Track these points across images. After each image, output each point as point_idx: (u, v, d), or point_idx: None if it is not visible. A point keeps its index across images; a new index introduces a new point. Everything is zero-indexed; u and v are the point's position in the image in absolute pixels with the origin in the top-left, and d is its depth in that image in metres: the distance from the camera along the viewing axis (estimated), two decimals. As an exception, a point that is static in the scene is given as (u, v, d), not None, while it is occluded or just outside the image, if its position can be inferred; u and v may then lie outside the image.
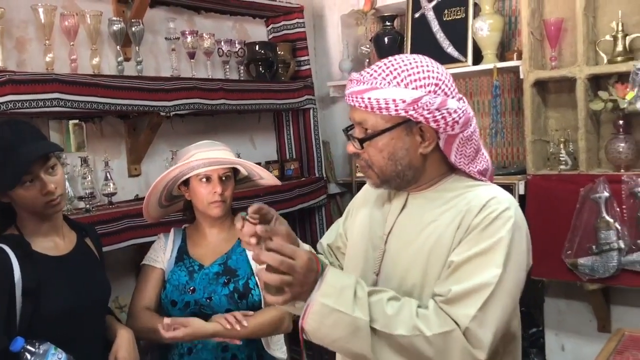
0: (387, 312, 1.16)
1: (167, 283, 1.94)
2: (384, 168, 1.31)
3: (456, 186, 1.34)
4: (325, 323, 1.15)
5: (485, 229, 1.23)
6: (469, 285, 1.18)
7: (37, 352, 1.49)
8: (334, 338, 1.16)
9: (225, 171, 1.92)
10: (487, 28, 2.89)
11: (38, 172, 1.58)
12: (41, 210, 1.60)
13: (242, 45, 3.05)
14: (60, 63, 2.33)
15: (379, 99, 1.24)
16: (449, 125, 1.26)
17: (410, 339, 1.14)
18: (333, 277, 1.18)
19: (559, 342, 2.96)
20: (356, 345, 1.15)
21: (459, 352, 1.14)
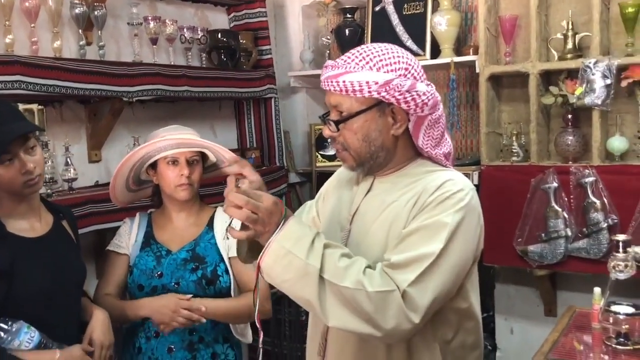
0: (338, 265, 1.24)
1: (133, 268, 1.94)
2: (359, 150, 1.38)
3: (419, 170, 1.43)
4: (280, 263, 1.23)
5: (436, 206, 1.32)
6: (410, 255, 1.26)
7: (9, 330, 1.49)
8: (285, 279, 1.24)
9: (193, 155, 1.93)
10: (445, 23, 2.98)
11: (17, 151, 1.57)
12: (19, 189, 1.60)
13: (205, 33, 3.04)
14: (20, 45, 2.28)
15: (352, 82, 1.33)
16: (418, 107, 1.34)
17: (354, 292, 1.21)
18: (295, 224, 1.25)
19: (508, 326, 3.09)
20: (304, 289, 1.23)
21: (395, 311, 1.22)
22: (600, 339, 1.92)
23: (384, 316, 1.21)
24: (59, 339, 1.62)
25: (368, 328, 1.22)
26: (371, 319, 1.21)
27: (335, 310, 1.22)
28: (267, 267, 1.25)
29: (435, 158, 1.44)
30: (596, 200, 2.54)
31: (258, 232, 1.23)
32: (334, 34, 3.40)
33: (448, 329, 1.38)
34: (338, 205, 1.53)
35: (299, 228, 1.26)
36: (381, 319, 1.21)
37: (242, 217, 1.21)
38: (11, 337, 1.50)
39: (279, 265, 1.23)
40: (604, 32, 2.59)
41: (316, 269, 1.22)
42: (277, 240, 1.23)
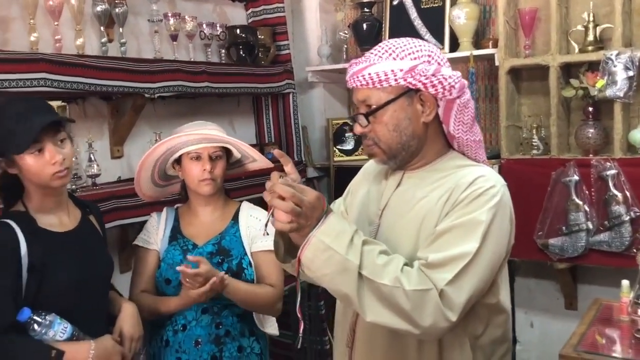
0: (376, 262, 1.25)
1: (161, 262, 1.97)
2: (390, 141, 1.39)
3: (449, 165, 1.43)
4: (319, 257, 1.24)
5: (469, 204, 1.32)
6: (447, 254, 1.27)
7: (43, 323, 1.52)
8: (324, 273, 1.25)
9: (216, 150, 1.95)
10: (464, 16, 2.98)
11: (48, 142, 1.60)
12: (47, 181, 1.62)
13: (224, 29, 3.06)
14: (44, 43, 2.31)
15: (378, 72, 1.35)
16: (446, 90, 1.35)
17: (391, 289, 1.22)
18: (335, 220, 1.26)
19: (528, 320, 3.09)
20: (342, 284, 1.24)
21: (433, 309, 1.23)
22: (630, 331, 1.91)
23: (421, 314, 1.22)
24: (88, 331, 1.65)
25: (405, 325, 1.23)
26: (408, 317, 1.22)
27: (373, 307, 1.24)
28: (307, 261, 1.25)
29: (467, 145, 1.44)
30: (618, 193, 2.52)
31: (300, 226, 1.24)
32: (352, 28, 3.41)
33: (478, 324, 1.39)
34: (366, 200, 1.53)
35: (339, 224, 1.27)
36: (418, 317, 1.22)
37: (286, 209, 1.21)
38: (45, 329, 1.54)
39: (319, 259, 1.24)
40: (626, 23, 2.57)
41: (355, 265, 1.23)
42: (317, 235, 1.23)
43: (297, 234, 1.27)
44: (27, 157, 1.58)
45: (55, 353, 1.52)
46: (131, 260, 2.50)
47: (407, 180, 1.46)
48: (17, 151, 1.57)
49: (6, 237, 1.56)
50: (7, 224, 1.58)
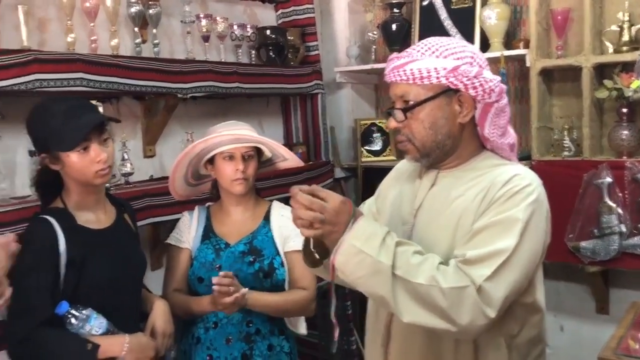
0: (410, 262, 1.25)
1: (193, 260, 1.99)
2: (424, 139, 1.39)
3: (484, 164, 1.43)
4: (352, 261, 1.25)
5: (506, 201, 1.31)
6: (485, 250, 1.26)
7: (80, 317, 1.56)
8: (358, 276, 1.26)
9: (248, 150, 1.97)
10: (495, 17, 2.96)
11: (93, 141, 1.64)
12: (90, 179, 1.65)
13: (254, 30, 3.09)
14: (80, 44, 2.35)
15: (420, 69, 1.35)
16: (486, 93, 1.35)
17: (428, 288, 1.22)
18: (365, 223, 1.28)
19: (557, 323, 3.06)
20: (377, 286, 1.25)
21: (471, 306, 1.22)
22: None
23: (459, 312, 1.22)
24: (121, 327, 1.68)
25: (443, 324, 1.23)
26: (446, 315, 1.22)
27: (409, 307, 1.24)
28: (340, 265, 1.27)
29: (500, 148, 1.43)
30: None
31: (326, 232, 1.26)
32: (381, 29, 3.41)
33: (514, 323, 1.38)
34: (399, 200, 1.53)
35: (370, 226, 1.27)
36: (456, 315, 1.22)
37: (309, 217, 1.23)
38: (82, 323, 1.57)
39: (351, 263, 1.25)
40: (663, 23, 2.53)
41: (388, 267, 1.23)
42: (347, 239, 1.25)
43: (327, 240, 1.28)
44: (73, 155, 1.62)
45: (91, 346, 1.55)
46: (162, 257, 2.54)
47: (441, 180, 1.46)
48: (66, 148, 1.61)
49: (45, 233, 1.60)
50: (46, 220, 1.62)
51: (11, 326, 1.30)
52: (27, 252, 1.58)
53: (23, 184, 2.20)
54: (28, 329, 1.53)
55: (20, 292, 1.34)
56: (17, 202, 2.06)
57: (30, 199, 2.08)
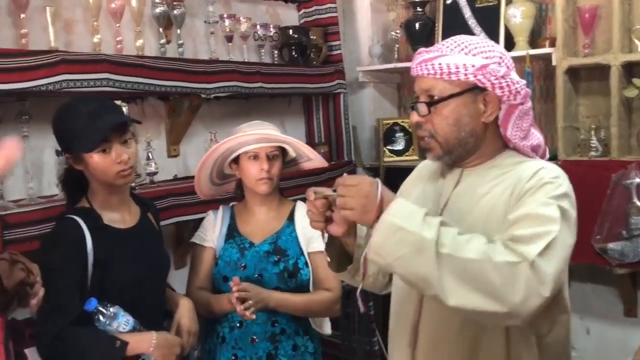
0: (458, 239, 1.19)
1: (218, 259, 2.00)
2: (447, 135, 1.38)
3: (508, 162, 1.42)
4: (391, 240, 1.18)
5: (537, 191, 1.29)
6: (533, 231, 1.21)
7: (108, 314, 1.58)
8: (398, 255, 1.18)
9: (273, 150, 1.97)
10: (520, 15, 2.92)
11: (114, 141, 1.65)
12: (112, 179, 1.67)
13: (277, 30, 3.09)
14: (105, 44, 2.37)
15: (449, 64, 1.34)
16: (512, 94, 1.34)
17: (479, 264, 1.15)
18: (403, 201, 1.24)
19: (583, 326, 3.01)
20: (420, 265, 1.17)
21: (525, 283, 1.15)
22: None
23: (513, 289, 1.14)
24: (145, 325, 1.69)
25: (493, 304, 1.15)
26: (498, 293, 1.15)
27: (456, 288, 1.15)
28: (377, 246, 1.20)
29: (522, 150, 1.42)
30: (683, 197, 2.43)
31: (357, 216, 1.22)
32: (404, 28, 3.38)
33: (545, 322, 1.35)
34: (422, 200, 1.51)
35: (408, 205, 1.23)
36: (510, 292, 1.14)
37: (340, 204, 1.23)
38: (110, 320, 1.59)
39: (390, 242, 1.18)
40: (694, 20, 2.47)
41: (433, 243, 1.16)
42: (386, 217, 1.19)
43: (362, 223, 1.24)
44: (95, 155, 1.63)
45: (119, 343, 1.57)
46: (186, 257, 2.56)
47: (465, 178, 1.45)
48: (87, 149, 1.62)
49: (73, 233, 1.62)
50: (73, 220, 1.64)
51: (43, 325, 1.32)
52: (56, 251, 1.60)
53: (50, 183, 2.23)
54: (59, 328, 1.55)
55: (51, 291, 1.36)
56: (44, 201, 2.09)
57: (56, 198, 2.11)
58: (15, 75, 1.90)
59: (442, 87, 1.36)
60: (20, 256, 1.23)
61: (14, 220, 1.86)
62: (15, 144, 1.11)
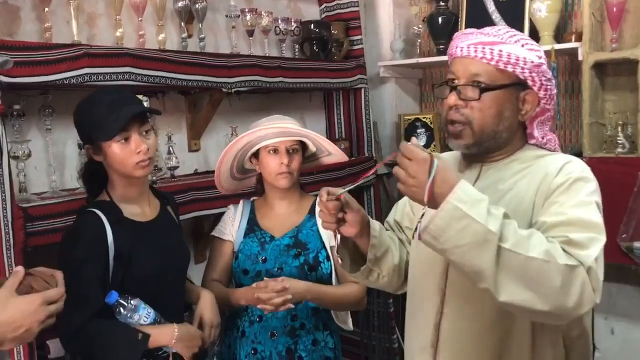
0: (520, 233, 1.15)
1: (238, 253, 2.00)
2: (485, 125, 1.34)
3: (527, 156, 1.40)
4: (454, 226, 1.13)
5: (569, 188, 1.27)
6: (588, 236, 1.19)
7: (129, 306, 1.58)
8: (459, 244, 1.13)
9: (293, 144, 1.96)
10: (545, 9, 2.87)
11: (134, 132, 1.65)
12: (130, 170, 1.66)
13: (298, 24, 3.07)
14: (127, 38, 2.38)
15: (510, 53, 1.30)
16: (550, 98, 1.35)
17: (542, 263, 1.12)
18: (468, 186, 1.17)
19: (608, 326, 2.95)
20: (479, 257, 1.12)
21: (580, 287, 1.14)
22: None
23: (569, 292, 1.13)
24: (166, 317, 1.69)
25: (546, 304, 1.13)
26: (555, 295, 1.13)
27: (510, 284, 1.13)
28: (436, 230, 1.14)
29: (543, 144, 1.43)
30: None
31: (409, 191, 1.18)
32: (426, 22, 3.34)
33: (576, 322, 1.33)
34: None
35: (474, 191, 1.17)
36: (566, 295, 1.13)
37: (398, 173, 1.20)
38: (131, 312, 1.59)
39: (453, 229, 1.13)
40: None
41: (496, 237, 1.12)
42: (451, 201, 1.13)
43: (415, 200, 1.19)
44: (114, 145, 1.63)
45: (141, 336, 1.57)
46: (206, 251, 2.56)
47: (485, 173, 1.42)
48: (106, 138, 1.62)
49: (94, 226, 1.62)
50: (94, 214, 1.64)
51: (65, 318, 1.32)
52: (78, 245, 1.61)
53: (72, 177, 2.24)
54: (82, 320, 1.55)
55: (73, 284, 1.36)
56: (67, 194, 2.10)
57: (78, 191, 2.12)
58: (38, 68, 1.91)
59: (494, 75, 1.32)
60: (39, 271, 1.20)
61: (36, 212, 1.87)
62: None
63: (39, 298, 1.11)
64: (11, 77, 1.83)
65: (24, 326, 1.09)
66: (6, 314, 1.08)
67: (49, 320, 1.14)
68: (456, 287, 1.38)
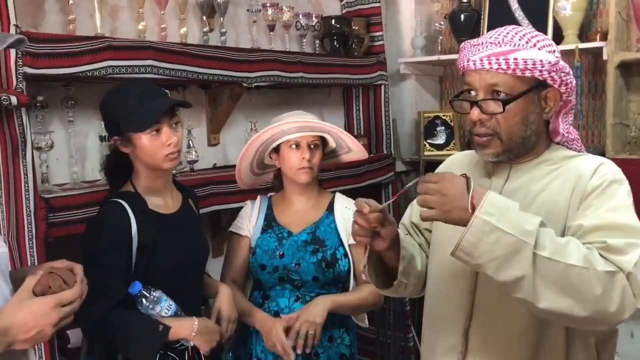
0: (557, 241, 1.15)
1: (256, 248, 2.00)
2: (513, 134, 1.32)
3: (557, 157, 1.38)
4: (486, 241, 1.13)
5: (605, 190, 1.26)
6: (626, 241, 1.19)
7: (151, 298, 1.59)
8: (492, 257, 1.13)
9: (314, 139, 1.95)
10: (570, 8, 2.84)
11: (164, 124, 1.66)
12: (159, 162, 1.67)
13: (319, 20, 3.06)
14: (150, 31, 2.38)
15: (525, 60, 1.27)
16: (570, 91, 1.33)
17: (581, 271, 1.11)
18: (495, 197, 1.17)
19: (627, 329, 2.91)
20: (515, 266, 1.12)
21: (621, 293, 1.13)
22: None
23: (610, 298, 1.12)
24: (186, 311, 1.70)
25: (587, 311, 1.13)
26: (595, 302, 1.13)
27: (550, 292, 1.12)
28: (469, 247, 1.14)
29: (571, 141, 1.41)
30: None
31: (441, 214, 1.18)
32: (448, 19, 3.32)
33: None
34: None
35: (501, 200, 1.17)
36: (607, 302, 1.12)
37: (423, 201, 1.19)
38: (152, 304, 1.60)
39: (485, 243, 1.13)
40: None
41: (530, 245, 1.12)
42: (479, 215, 1.13)
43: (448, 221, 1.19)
44: (144, 137, 1.64)
45: (162, 328, 1.59)
46: (223, 245, 2.57)
47: (515, 175, 1.39)
48: (139, 129, 1.63)
49: (119, 216, 1.63)
50: (119, 204, 1.65)
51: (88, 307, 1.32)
52: (102, 234, 1.62)
53: (93, 168, 2.26)
54: (104, 310, 1.57)
55: (97, 274, 1.37)
56: (88, 185, 2.12)
57: (99, 183, 2.13)
58: (62, 60, 1.92)
59: (513, 83, 1.28)
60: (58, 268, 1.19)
61: (58, 203, 1.89)
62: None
63: (53, 300, 1.11)
64: (35, 68, 1.85)
65: (35, 328, 1.09)
66: (18, 316, 1.08)
67: (64, 322, 1.14)
68: (487, 293, 1.35)
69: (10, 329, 1.08)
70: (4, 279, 1.22)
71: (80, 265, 1.23)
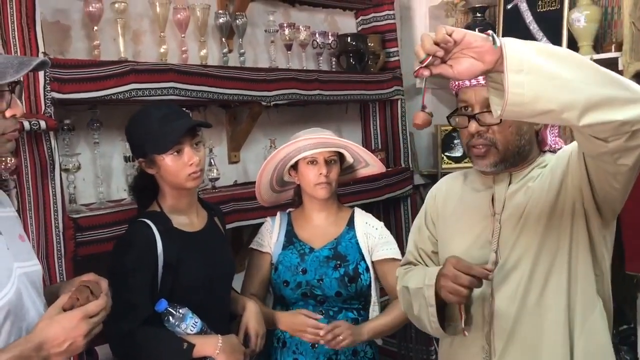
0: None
1: (278, 264, 2.03)
2: (509, 144, 1.42)
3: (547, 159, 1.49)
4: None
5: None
6: None
7: (177, 315, 1.63)
8: (543, 87, 1.10)
9: (331, 155, 1.99)
10: (584, 19, 2.85)
11: (186, 144, 1.71)
12: (182, 182, 1.72)
13: (335, 37, 3.12)
14: (171, 54, 2.46)
15: None
16: None
17: (617, 76, 1.15)
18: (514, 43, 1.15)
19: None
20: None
21: None
22: None
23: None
24: (212, 327, 1.73)
25: (625, 93, 1.13)
26: (632, 88, 1.15)
27: (595, 86, 1.12)
28: (515, 89, 1.09)
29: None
30: None
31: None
32: (463, 34, 3.34)
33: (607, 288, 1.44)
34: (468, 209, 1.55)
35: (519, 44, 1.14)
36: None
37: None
38: (178, 321, 1.64)
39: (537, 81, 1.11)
40: None
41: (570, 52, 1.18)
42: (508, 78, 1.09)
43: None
44: (167, 158, 1.69)
45: (187, 345, 1.62)
46: (245, 261, 2.60)
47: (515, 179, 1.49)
48: (161, 151, 1.68)
49: (145, 236, 1.68)
50: (146, 224, 1.70)
51: (115, 323, 1.37)
52: (130, 253, 1.67)
53: (118, 188, 2.33)
54: (131, 327, 1.61)
55: (124, 291, 1.41)
56: (113, 205, 2.18)
57: (124, 202, 2.19)
58: (88, 85, 1.99)
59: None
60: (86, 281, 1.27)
61: (86, 223, 1.95)
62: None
63: (80, 313, 1.18)
64: (63, 93, 1.93)
65: (67, 341, 1.16)
66: (50, 332, 1.16)
67: (93, 332, 1.21)
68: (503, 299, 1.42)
69: (45, 344, 1.15)
70: (38, 295, 1.29)
71: (106, 280, 1.30)
